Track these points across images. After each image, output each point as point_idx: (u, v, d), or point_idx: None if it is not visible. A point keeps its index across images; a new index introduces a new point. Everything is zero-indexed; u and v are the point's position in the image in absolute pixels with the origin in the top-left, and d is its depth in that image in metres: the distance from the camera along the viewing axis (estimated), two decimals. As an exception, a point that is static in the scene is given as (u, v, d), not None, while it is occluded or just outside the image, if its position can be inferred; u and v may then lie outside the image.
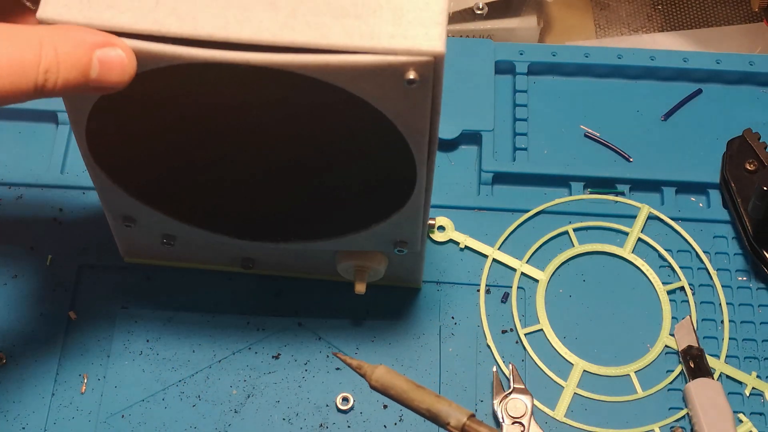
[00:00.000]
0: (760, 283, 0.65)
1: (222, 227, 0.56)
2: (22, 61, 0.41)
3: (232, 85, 0.45)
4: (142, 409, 0.60)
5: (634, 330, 0.64)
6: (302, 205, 0.55)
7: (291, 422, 0.60)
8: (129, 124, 0.49)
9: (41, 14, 0.43)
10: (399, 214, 0.54)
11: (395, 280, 0.62)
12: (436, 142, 0.49)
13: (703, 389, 0.60)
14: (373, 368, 0.49)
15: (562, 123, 0.71)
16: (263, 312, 0.64)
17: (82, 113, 0.48)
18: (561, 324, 0.64)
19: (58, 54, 0.41)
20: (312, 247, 0.58)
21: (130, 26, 0.43)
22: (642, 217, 0.67)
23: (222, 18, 0.43)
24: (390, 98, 0.45)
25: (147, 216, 0.56)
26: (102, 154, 0.51)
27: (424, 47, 0.43)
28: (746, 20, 0.82)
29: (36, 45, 0.41)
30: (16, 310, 0.63)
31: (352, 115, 0.46)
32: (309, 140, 0.49)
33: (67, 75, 0.42)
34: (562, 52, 0.73)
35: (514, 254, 0.66)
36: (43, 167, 0.68)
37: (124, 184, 0.53)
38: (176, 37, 0.43)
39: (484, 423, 0.46)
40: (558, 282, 0.65)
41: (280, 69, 0.43)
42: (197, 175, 0.52)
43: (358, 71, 0.44)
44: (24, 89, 0.41)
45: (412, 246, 0.57)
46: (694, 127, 0.71)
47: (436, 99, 0.46)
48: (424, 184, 0.51)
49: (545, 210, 0.67)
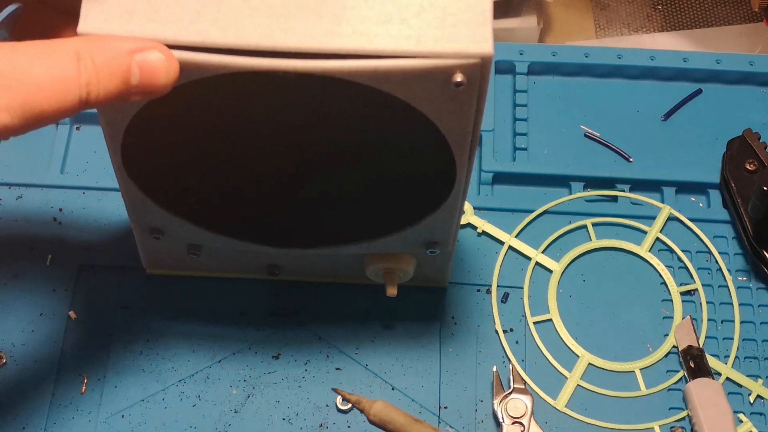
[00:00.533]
0: (760, 283, 0.65)
1: (252, 235, 0.56)
2: (63, 77, 0.40)
3: (274, 93, 0.45)
4: (142, 409, 0.60)
5: (643, 327, 0.64)
6: (335, 210, 0.54)
7: (291, 422, 0.60)
8: (166, 136, 0.48)
9: (81, 29, 0.43)
10: (434, 216, 0.54)
11: (422, 281, 0.62)
12: (477, 143, 0.49)
13: (703, 389, 0.60)
14: (372, 403, 0.50)
15: (562, 123, 0.71)
16: (263, 312, 0.64)
17: (119, 128, 0.48)
18: (570, 316, 0.64)
19: (96, 65, 0.41)
20: (342, 252, 0.57)
21: (174, 38, 0.43)
22: (662, 216, 0.67)
23: (265, 27, 0.43)
24: (436, 101, 0.45)
25: (175, 227, 0.56)
26: (135, 167, 0.51)
27: (471, 49, 0.43)
28: (746, 20, 0.82)
29: (74, 58, 0.40)
30: (16, 310, 0.63)
31: (394, 118, 0.46)
32: (347, 145, 0.49)
33: (107, 85, 0.41)
34: (562, 52, 0.73)
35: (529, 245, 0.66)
36: (43, 167, 0.68)
37: (155, 196, 0.53)
38: (221, 47, 0.43)
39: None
40: (572, 274, 0.66)
41: (325, 75, 0.43)
42: (229, 183, 0.52)
43: (405, 75, 0.44)
44: (69, 105, 0.40)
45: (444, 246, 0.57)
46: (694, 127, 0.71)
47: (481, 100, 0.46)
48: (462, 186, 0.51)
49: (559, 205, 0.68)
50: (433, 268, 0.61)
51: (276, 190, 0.53)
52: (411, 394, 0.61)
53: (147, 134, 0.48)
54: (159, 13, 0.43)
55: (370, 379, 0.62)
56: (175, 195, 0.53)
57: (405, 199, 0.53)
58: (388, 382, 0.61)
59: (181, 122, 0.47)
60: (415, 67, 0.43)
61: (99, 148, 0.69)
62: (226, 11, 0.43)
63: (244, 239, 0.56)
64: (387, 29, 0.43)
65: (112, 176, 0.68)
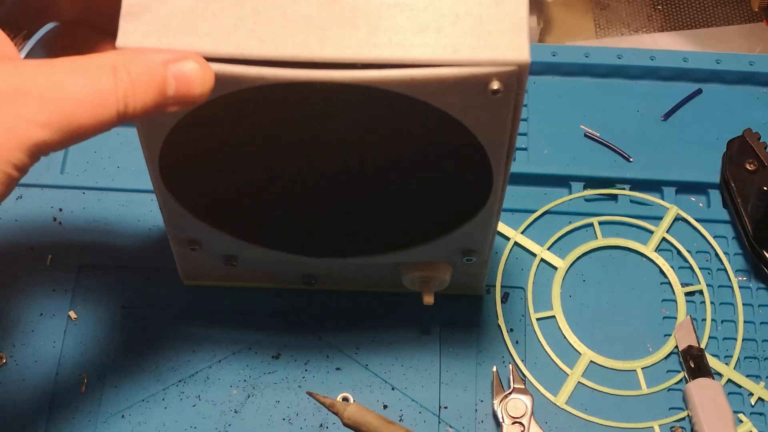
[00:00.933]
0: (760, 283, 0.65)
1: (289, 245, 0.56)
2: (101, 91, 0.40)
3: (311, 105, 0.45)
4: (142, 409, 0.60)
5: (645, 327, 0.64)
6: (371, 219, 0.54)
7: (291, 422, 0.60)
8: (203, 148, 0.49)
9: (120, 44, 0.43)
10: (470, 224, 0.54)
11: (457, 288, 0.62)
12: (513, 151, 0.49)
13: (703, 389, 0.60)
14: (345, 406, 0.52)
15: (562, 123, 0.71)
16: (263, 312, 0.64)
17: (157, 140, 0.48)
18: (574, 313, 0.64)
19: (132, 77, 0.41)
20: (378, 261, 0.57)
21: (212, 51, 0.43)
22: (669, 216, 0.67)
23: (302, 38, 0.43)
24: (473, 109, 0.45)
25: (212, 238, 0.56)
26: (173, 179, 0.51)
27: (508, 57, 0.43)
28: (746, 20, 0.82)
29: (110, 71, 0.40)
30: (16, 310, 0.63)
31: (431, 127, 0.46)
32: (384, 155, 0.49)
33: (144, 97, 0.41)
34: (562, 52, 0.73)
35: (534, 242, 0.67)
36: (43, 167, 0.68)
37: (193, 208, 0.53)
38: (259, 59, 0.43)
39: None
40: (576, 272, 0.66)
41: (363, 85, 0.43)
42: (266, 194, 0.52)
43: (442, 84, 0.44)
44: (107, 119, 0.40)
45: (480, 254, 0.57)
46: (694, 127, 0.71)
47: (518, 108, 0.46)
48: (499, 193, 0.51)
49: (560, 205, 0.68)
50: (469, 275, 0.61)
51: (314, 200, 0.53)
52: (411, 394, 0.61)
53: (185, 146, 0.48)
54: (196, 27, 0.43)
55: (370, 379, 0.62)
56: (213, 206, 0.54)
57: (442, 206, 0.53)
58: (388, 382, 0.61)
59: (218, 134, 0.48)
60: (452, 75, 0.43)
61: (99, 148, 0.69)
62: (263, 23, 0.43)
63: (281, 249, 0.57)
64: (423, 38, 0.43)
65: (112, 176, 0.68)
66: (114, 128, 0.41)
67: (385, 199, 0.53)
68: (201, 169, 0.50)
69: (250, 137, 0.48)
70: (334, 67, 0.43)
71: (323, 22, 0.44)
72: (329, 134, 0.47)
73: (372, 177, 0.51)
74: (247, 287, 0.64)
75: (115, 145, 0.69)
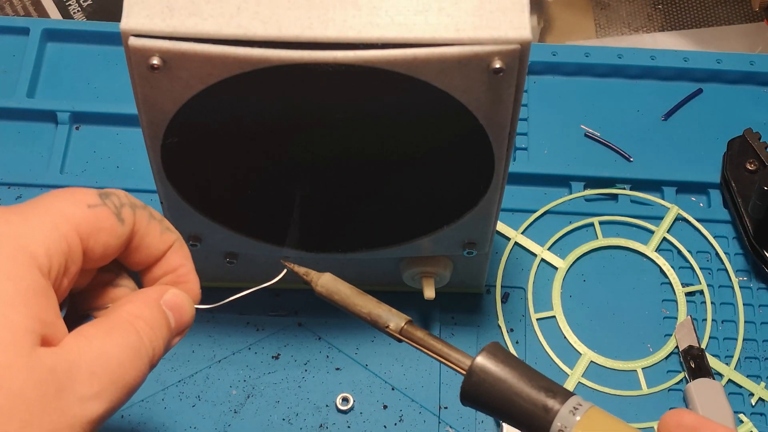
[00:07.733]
0: (761, 283, 0.65)
1: (289, 240, 0.56)
2: (133, 347, 0.41)
3: (314, 86, 0.45)
4: (142, 410, 0.60)
5: (646, 327, 0.64)
6: (371, 212, 0.54)
7: (291, 422, 0.60)
8: (205, 135, 0.49)
9: (124, 26, 0.43)
10: (472, 213, 0.53)
11: (458, 286, 0.62)
12: (515, 135, 0.49)
13: (704, 389, 0.60)
14: (319, 275, 0.51)
15: (562, 123, 0.71)
16: (263, 312, 0.63)
17: (160, 127, 0.48)
18: (574, 313, 0.64)
19: (147, 322, 0.42)
20: (379, 256, 0.57)
21: (215, 32, 0.43)
22: (670, 216, 0.67)
23: (305, 19, 0.44)
24: (475, 90, 0.45)
25: (214, 234, 0.56)
26: (175, 171, 0.51)
27: (510, 35, 0.44)
28: (747, 20, 0.82)
29: (129, 325, 0.42)
30: (15, 310, 0.63)
31: (433, 110, 0.47)
32: (386, 141, 0.49)
33: (160, 335, 0.43)
34: (562, 52, 0.73)
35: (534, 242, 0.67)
36: (42, 167, 0.68)
37: (194, 201, 0.53)
38: (262, 40, 0.43)
39: (420, 328, 0.47)
40: (577, 272, 0.66)
41: (365, 66, 0.44)
42: (268, 187, 0.52)
43: (444, 64, 0.44)
44: (145, 370, 0.41)
45: (481, 246, 0.57)
46: (695, 127, 0.71)
47: (519, 89, 0.46)
48: (500, 181, 0.51)
49: (561, 204, 0.68)
50: (469, 271, 0.61)
51: (315, 190, 0.53)
52: (411, 394, 0.61)
53: (187, 134, 0.48)
54: (200, 8, 0.44)
55: (370, 379, 0.62)
56: (214, 200, 0.54)
57: (443, 195, 0.53)
58: (388, 382, 0.61)
59: (221, 120, 0.48)
60: (454, 54, 0.44)
61: (98, 148, 0.69)
62: (265, 5, 0.44)
63: (282, 245, 0.57)
64: (425, 18, 0.44)
65: (111, 176, 0.68)
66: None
67: (387, 188, 0.52)
68: (203, 158, 0.50)
69: (252, 123, 0.48)
70: (337, 47, 0.44)
71: (326, 2, 0.44)
72: (331, 119, 0.47)
73: (374, 165, 0.51)
74: (247, 287, 0.64)
75: (114, 145, 0.69)
